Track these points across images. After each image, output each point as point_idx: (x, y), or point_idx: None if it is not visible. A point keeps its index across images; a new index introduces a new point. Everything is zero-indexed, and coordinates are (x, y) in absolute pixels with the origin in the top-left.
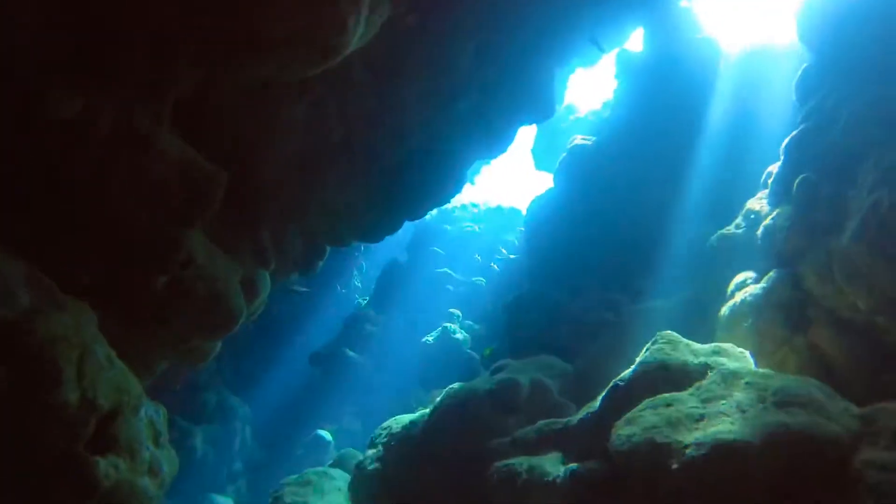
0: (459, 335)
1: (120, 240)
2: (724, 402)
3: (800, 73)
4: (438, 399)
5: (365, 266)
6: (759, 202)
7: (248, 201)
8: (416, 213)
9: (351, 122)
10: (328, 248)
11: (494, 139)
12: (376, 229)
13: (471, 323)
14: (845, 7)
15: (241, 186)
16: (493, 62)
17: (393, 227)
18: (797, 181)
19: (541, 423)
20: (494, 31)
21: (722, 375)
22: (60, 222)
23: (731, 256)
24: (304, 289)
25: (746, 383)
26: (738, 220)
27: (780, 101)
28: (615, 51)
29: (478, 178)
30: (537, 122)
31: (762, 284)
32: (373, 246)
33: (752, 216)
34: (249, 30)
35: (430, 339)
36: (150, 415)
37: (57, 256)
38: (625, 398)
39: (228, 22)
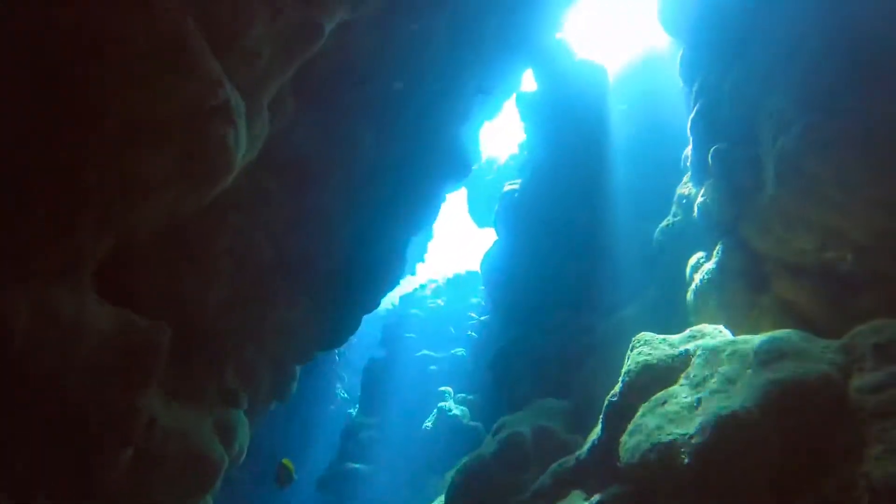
0: (456, 411)
1: (73, 426)
2: (713, 380)
3: (679, 61)
4: (450, 480)
5: (346, 376)
6: (685, 186)
7: (201, 343)
8: (369, 305)
9: (278, 239)
10: (297, 368)
11: (420, 211)
12: (336, 333)
13: (464, 395)
14: (701, 7)
15: (189, 330)
16: (396, 139)
17: (352, 327)
18: (710, 154)
19: (553, 466)
20: (390, 111)
21: (704, 357)
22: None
23: (679, 244)
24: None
25: (728, 355)
26: (674, 208)
27: (674, 95)
28: (514, 95)
29: (427, 256)
30: (456, 182)
31: (714, 259)
32: (347, 354)
33: (684, 201)
34: (132, 175)
35: (428, 424)
36: None
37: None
38: (623, 411)
39: (112, 176)
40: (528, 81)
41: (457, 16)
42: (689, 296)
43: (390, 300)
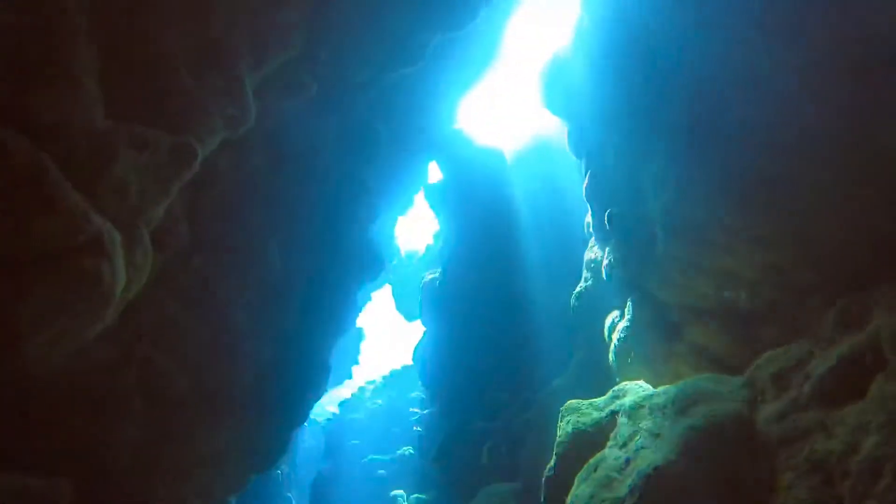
0: None
1: None
2: (638, 437)
3: (566, 136)
4: None
5: (294, 496)
6: (592, 251)
7: (115, 489)
8: (297, 420)
9: (192, 366)
10: (232, 499)
11: (339, 315)
12: (267, 454)
13: (417, 495)
14: (574, 74)
15: (101, 477)
16: (305, 248)
17: (282, 445)
18: (606, 218)
19: None
20: (296, 222)
21: (627, 415)
22: None
23: (594, 306)
24: None
25: (649, 409)
26: (584, 273)
27: (571, 168)
28: (423, 189)
29: (362, 357)
30: (371, 281)
31: (627, 317)
32: (293, 472)
33: (593, 265)
34: (7, 314)
35: None
36: None
37: None
38: (560, 483)
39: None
40: (435, 172)
41: (346, 123)
42: (611, 355)
43: (330, 408)
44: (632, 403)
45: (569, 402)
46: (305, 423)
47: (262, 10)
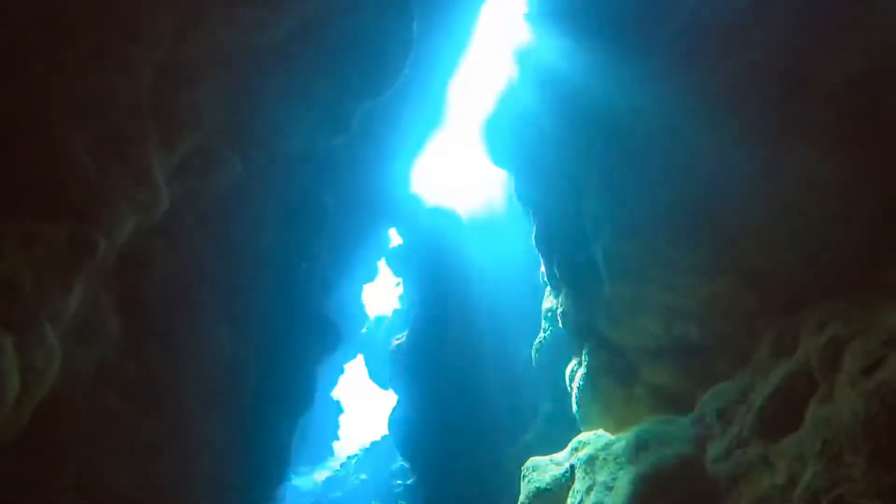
0: None
1: None
2: (594, 490)
3: (513, 188)
4: None
5: None
6: (549, 300)
7: None
8: None
9: (137, 466)
10: None
11: (296, 393)
12: None
13: None
14: (510, 125)
15: None
16: (257, 328)
17: None
18: (555, 266)
19: None
20: (244, 301)
21: (583, 469)
22: None
23: (555, 356)
24: None
25: (603, 460)
26: (543, 323)
27: (521, 224)
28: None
29: (342, 432)
30: (328, 352)
31: (584, 364)
32: None
33: (549, 314)
34: None
35: None
36: None
37: None
38: None
39: None
40: (396, 237)
41: (287, 196)
42: (573, 404)
43: (314, 482)
44: (587, 456)
45: (530, 459)
46: None
47: (170, 92)
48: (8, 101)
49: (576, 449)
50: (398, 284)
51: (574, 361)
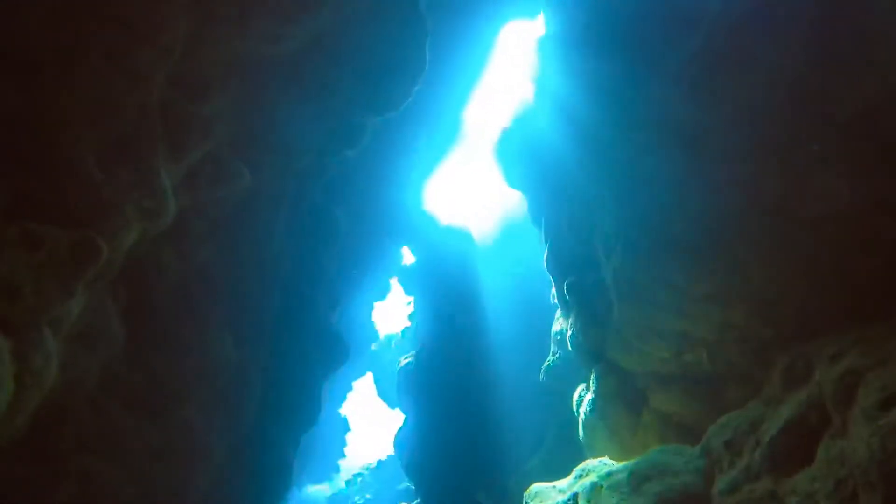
0: None
1: None
2: None
3: (526, 209)
4: None
5: None
6: (558, 322)
7: None
8: None
9: (142, 475)
10: None
11: (301, 410)
12: None
13: None
14: (525, 146)
15: None
16: (264, 345)
17: None
18: (565, 288)
19: None
20: (251, 313)
21: (586, 497)
22: None
23: (563, 380)
24: None
25: (607, 489)
26: (552, 346)
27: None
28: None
29: (348, 449)
30: (334, 369)
31: (592, 389)
32: None
33: (559, 337)
34: None
35: None
36: None
37: None
38: None
39: None
40: (409, 255)
41: (298, 210)
42: (581, 431)
43: (319, 499)
44: (590, 484)
45: (533, 485)
46: None
47: (181, 100)
48: (16, 105)
49: (580, 476)
50: (409, 303)
51: (582, 386)
